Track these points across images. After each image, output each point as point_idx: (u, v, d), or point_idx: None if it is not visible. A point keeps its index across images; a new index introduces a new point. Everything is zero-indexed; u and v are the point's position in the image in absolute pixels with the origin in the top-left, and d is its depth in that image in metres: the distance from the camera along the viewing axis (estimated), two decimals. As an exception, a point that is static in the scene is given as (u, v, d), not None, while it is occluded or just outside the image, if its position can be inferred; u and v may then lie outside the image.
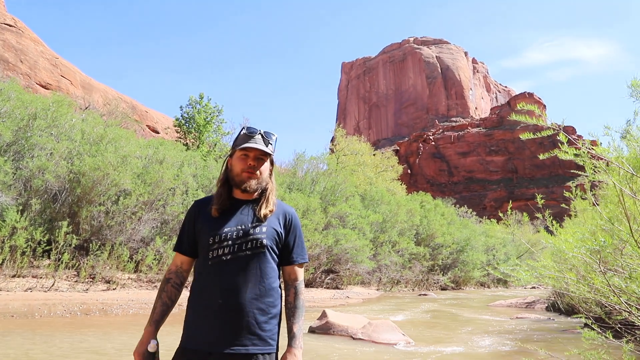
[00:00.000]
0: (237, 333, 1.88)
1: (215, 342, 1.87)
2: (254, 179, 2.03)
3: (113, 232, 12.79)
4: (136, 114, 35.19)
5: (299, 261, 2.11)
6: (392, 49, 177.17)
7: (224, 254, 1.95)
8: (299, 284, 2.10)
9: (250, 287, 1.93)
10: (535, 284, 8.90)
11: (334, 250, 19.56)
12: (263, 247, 1.98)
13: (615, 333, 4.53)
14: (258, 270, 1.96)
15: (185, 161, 16.87)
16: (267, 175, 2.08)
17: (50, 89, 28.41)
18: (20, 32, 30.32)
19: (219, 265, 1.94)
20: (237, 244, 1.95)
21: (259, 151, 2.04)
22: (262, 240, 1.98)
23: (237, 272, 1.93)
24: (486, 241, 35.62)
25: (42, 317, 8.39)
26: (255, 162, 2.03)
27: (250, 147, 2.02)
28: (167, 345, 5.92)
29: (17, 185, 11.67)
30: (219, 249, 1.96)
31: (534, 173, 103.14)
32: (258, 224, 2.00)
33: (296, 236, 2.12)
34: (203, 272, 1.99)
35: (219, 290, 1.91)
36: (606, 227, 4.01)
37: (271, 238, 2.01)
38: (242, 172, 2.03)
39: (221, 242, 1.96)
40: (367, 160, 38.57)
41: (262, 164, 2.05)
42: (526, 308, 15.90)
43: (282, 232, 2.07)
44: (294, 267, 2.10)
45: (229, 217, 2.02)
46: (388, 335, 7.98)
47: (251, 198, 2.08)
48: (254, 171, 2.03)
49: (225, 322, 1.89)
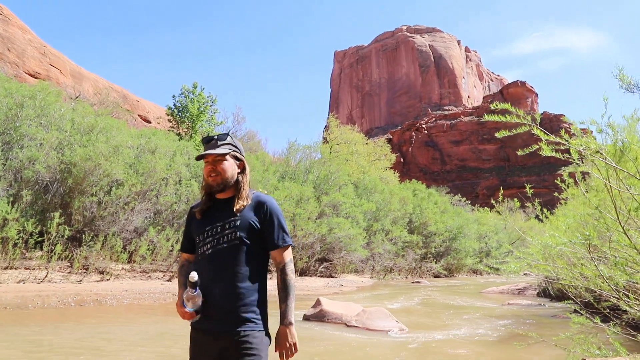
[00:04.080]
0: (224, 316, 2.14)
1: (210, 323, 2.16)
2: (217, 180, 2.26)
3: (106, 222, 12.74)
4: (127, 104, 34.86)
5: (280, 245, 2.28)
6: (384, 37, 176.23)
7: (207, 249, 2.22)
8: (286, 265, 2.26)
9: (230, 276, 2.17)
10: (526, 270, 9.02)
11: (327, 239, 19.64)
12: (237, 239, 2.20)
13: (603, 318, 4.62)
14: (236, 259, 2.19)
15: (178, 151, 16.78)
16: (232, 172, 2.29)
17: (40, 78, 28.04)
18: (7, 20, 29.79)
19: (205, 259, 2.22)
20: (216, 239, 2.21)
21: (212, 155, 2.27)
22: (236, 232, 2.21)
23: (218, 264, 2.19)
24: (479, 229, 35.88)
25: (36, 308, 8.38)
26: (213, 165, 2.27)
27: (204, 154, 2.27)
28: (173, 331, 5.96)
29: (7, 176, 11.56)
30: (203, 245, 2.24)
31: (526, 161, 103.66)
32: (232, 218, 2.23)
33: (275, 222, 2.29)
34: (195, 266, 2.26)
35: (207, 281, 2.16)
36: (595, 216, 4.07)
37: (245, 229, 2.22)
38: (207, 177, 2.28)
39: (205, 240, 2.24)
40: (360, 149, 38.56)
41: (220, 165, 2.27)
42: (518, 294, 16.11)
43: (257, 222, 2.26)
44: (278, 251, 2.28)
45: (210, 216, 2.28)
46: (382, 323, 8.06)
47: (228, 196, 2.31)
48: (214, 173, 2.26)
49: (214, 307, 2.15)
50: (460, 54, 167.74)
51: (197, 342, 2.21)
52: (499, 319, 9.93)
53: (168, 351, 5.69)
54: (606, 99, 3.44)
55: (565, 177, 6.06)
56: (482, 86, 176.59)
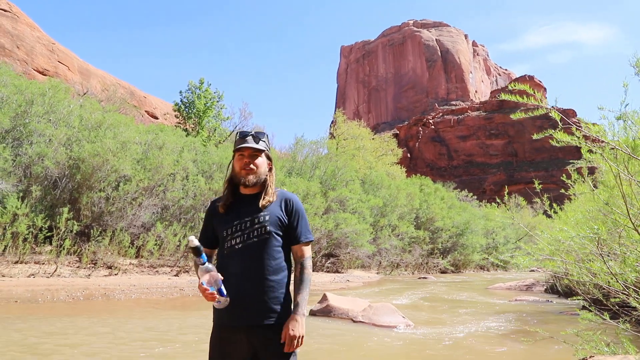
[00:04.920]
0: (254, 309, 2.20)
1: (238, 318, 2.19)
2: (251, 174, 2.32)
3: (114, 218, 12.83)
4: (135, 100, 35.02)
5: (303, 240, 2.37)
6: (391, 32, 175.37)
7: (235, 243, 2.27)
8: (306, 260, 2.35)
9: (260, 269, 2.24)
10: (534, 266, 8.97)
11: (334, 235, 19.65)
12: (267, 233, 2.27)
13: (612, 314, 4.59)
14: (266, 253, 2.26)
15: (185, 147, 16.83)
16: (264, 169, 2.37)
17: (48, 74, 28.22)
18: (16, 18, 29.97)
19: (233, 253, 2.27)
20: (246, 233, 2.27)
21: (251, 149, 2.34)
22: (266, 226, 2.27)
23: (248, 258, 2.24)
24: (486, 225, 35.76)
25: (45, 302, 8.47)
26: (249, 159, 2.33)
27: (243, 147, 2.34)
28: (189, 324, 5.95)
29: (17, 172, 11.66)
30: (232, 239, 2.28)
31: (534, 156, 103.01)
32: (261, 213, 2.30)
33: (299, 218, 2.38)
34: (222, 260, 2.32)
35: (235, 275, 2.23)
36: (604, 211, 4.03)
37: (274, 224, 2.29)
38: (240, 170, 2.33)
39: (233, 233, 2.28)
40: (367, 144, 38.50)
41: (256, 160, 2.34)
42: (525, 290, 16.05)
43: (285, 217, 2.34)
44: (300, 246, 2.37)
45: (237, 211, 2.33)
46: (388, 318, 8.06)
47: (255, 192, 2.37)
48: (249, 167, 2.32)
49: (243, 301, 2.20)
50: (467, 48, 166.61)
51: (225, 339, 2.22)
52: (506, 314, 9.90)
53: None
54: (626, 84, 3.35)
55: (571, 172, 6.01)
56: (490, 81, 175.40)
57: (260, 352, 2.18)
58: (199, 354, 5.22)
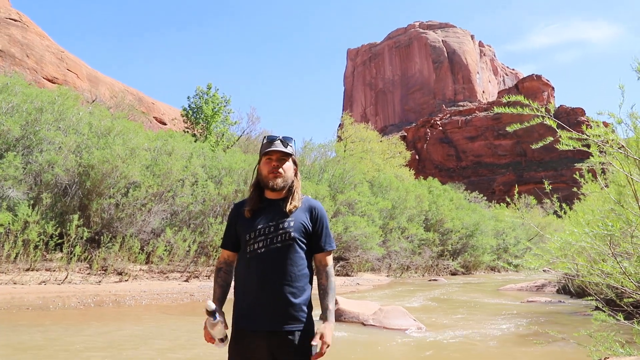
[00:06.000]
0: (274, 314, 2.17)
1: (257, 323, 2.18)
2: (279, 177, 2.32)
3: (123, 224, 12.91)
4: (143, 106, 35.28)
5: (327, 249, 2.36)
6: (397, 34, 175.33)
7: (258, 247, 2.24)
8: (329, 268, 2.36)
9: (282, 275, 2.21)
10: (545, 266, 8.87)
11: (343, 238, 19.62)
12: (291, 240, 2.25)
13: (626, 315, 4.52)
14: (288, 259, 2.24)
15: (194, 152, 16.92)
16: (291, 174, 2.37)
17: (57, 82, 28.53)
18: (26, 27, 30.37)
19: (256, 257, 2.24)
20: (270, 238, 2.24)
21: (280, 153, 2.33)
22: (290, 233, 2.25)
23: (270, 263, 2.22)
24: (496, 225, 35.47)
25: (57, 309, 8.53)
26: (278, 163, 2.33)
27: (271, 151, 2.33)
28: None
29: (28, 179, 11.79)
30: (254, 243, 2.25)
31: (543, 156, 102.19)
32: (286, 219, 2.28)
33: (323, 227, 2.38)
34: (244, 264, 2.29)
35: (256, 279, 2.21)
36: (615, 210, 3.98)
37: (298, 230, 2.28)
38: (268, 174, 2.32)
39: (256, 238, 2.25)
40: (375, 146, 38.40)
41: (284, 164, 2.34)
42: (537, 291, 15.89)
43: (309, 225, 2.33)
44: (324, 255, 2.36)
45: (262, 215, 2.31)
46: (399, 321, 8.01)
47: (280, 197, 2.36)
48: (278, 171, 2.31)
49: (263, 306, 2.18)
50: (474, 48, 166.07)
51: (244, 344, 2.20)
52: (518, 316, 9.80)
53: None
54: (622, 86, 3.35)
55: (585, 172, 5.94)
56: (497, 81, 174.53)
57: (278, 357, 2.16)
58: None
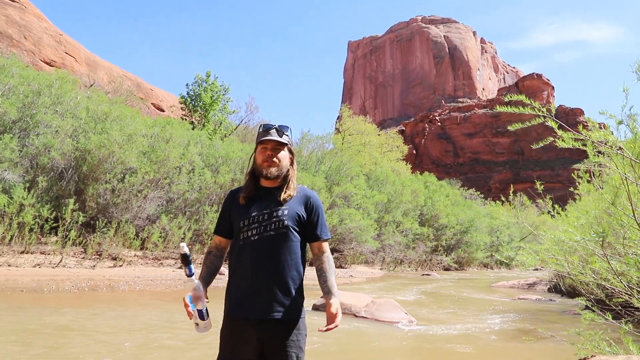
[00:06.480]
0: (266, 302, 2.19)
1: (250, 311, 2.19)
2: (273, 166, 2.33)
3: (119, 209, 12.90)
4: (141, 92, 35.07)
5: (323, 237, 2.39)
6: (399, 27, 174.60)
7: (252, 235, 2.25)
8: (327, 254, 2.39)
9: (275, 263, 2.23)
10: (537, 265, 8.95)
11: (338, 230, 19.68)
12: (285, 228, 2.26)
13: (615, 314, 4.58)
14: (282, 247, 2.25)
15: (191, 140, 16.87)
16: (286, 163, 2.38)
17: (55, 66, 28.32)
18: (24, 8, 30.06)
19: (249, 244, 2.25)
20: (263, 226, 2.25)
21: (275, 142, 2.34)
22: (284, 221, 2.26)
23: (264, 250, 2.23)
24: (490, 223, 35.65)
25: (51, 292, 8.55)
26: (272, 152, 2.34)
27: (266, 140, 2.34)
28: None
29: (24, 162, 11.74)
30: (248, 230, 2.26)
31: (540, 155, 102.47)
32: (280, 207, 2.30)
33: (318, 216, 2.40)
34: (237, 251, 2.30)
35: (250, 267, 2.22)
36: (610, 211, 4.01)
37: (292, 219, 2.29)
38: (263, 162, 2.33)
39: (250, 225, 2.27)
40: (373, 140, 38.40)
41: (279, 153, 2.35)
42: (528, 289, 16.03)
43: (304, 214, 2.34)
44: (320, 243, 2.39)
45: (256, 203, 2.33)
46: (391, 314, 8.08)
47: (276, 185, 2.37)
48: (272, 160, 2.33)
49: (256, 294, 2.20)
50: (475, 45, 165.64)
51: (235, 330, 2.21)
52: (509, 313, 9.90)
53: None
54: (626, 89, 3.36)
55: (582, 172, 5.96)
56: (498, 78, 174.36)
57: (267, 344, 2.17)
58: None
